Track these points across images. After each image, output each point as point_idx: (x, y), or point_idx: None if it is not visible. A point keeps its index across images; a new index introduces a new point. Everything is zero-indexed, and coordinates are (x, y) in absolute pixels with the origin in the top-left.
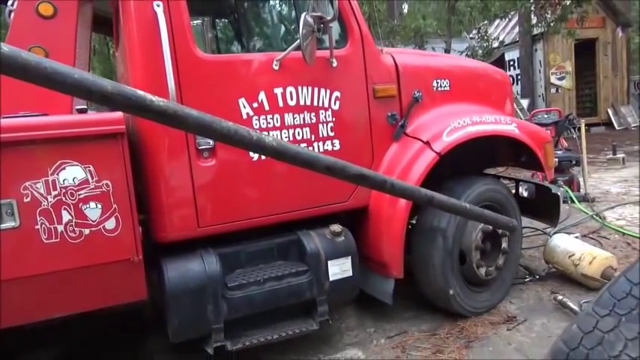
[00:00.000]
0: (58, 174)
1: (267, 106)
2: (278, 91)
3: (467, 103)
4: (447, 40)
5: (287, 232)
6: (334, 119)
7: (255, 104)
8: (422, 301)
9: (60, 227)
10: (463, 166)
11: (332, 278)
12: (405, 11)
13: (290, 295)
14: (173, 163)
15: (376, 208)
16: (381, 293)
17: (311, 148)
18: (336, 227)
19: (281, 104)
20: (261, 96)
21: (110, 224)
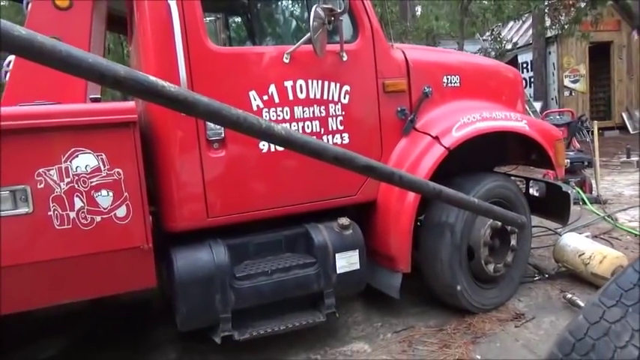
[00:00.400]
0: (71, 161)
1: (277, 99)
2: (288, 84)
3: (477, 100)
4: (460, 41)
5: (295, 224)
6: (344, 113)
7: (265, 97)
8: (429, 296)
9: (72, 214)
10: (473, 164)
11: (339, 271)
12: (418, 13)
13: (297, 286)
14: (183, 153)
15: (384, 202)
16: (388, 287)
17: None
18: (344, 220)
19: (291, 97)
20: (272, 89)
21: (121, 212)
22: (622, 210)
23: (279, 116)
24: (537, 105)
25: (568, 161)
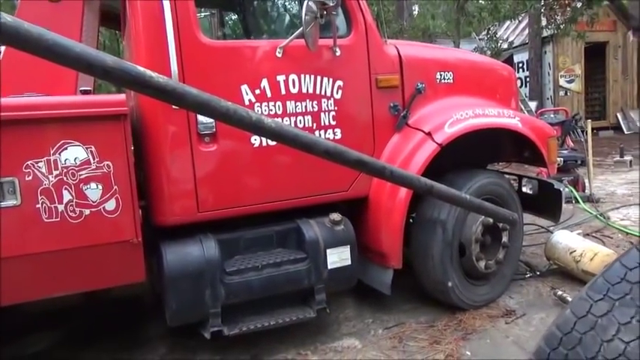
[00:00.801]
0: (60, 154)
1: (269, 93)
2: (280, 78)
3: (471, 97)
4: (456, 40)
5: (287, 219)
6: (336, 108)
7: (257, 91)
8: (421, 293)
9: (60, 207)
10: (466, 161)
11: (330, 267)
12: (415, 12)
13: (288, 282)
14: (174, 147)
15: (376, 198)
16: (379, 284)
17: None
18: (336, 216)
19: (283, 92)
20: (264, 83)
21: (110, 205)
22: (614, 208)
23: (272, 111)
24: (533, 104)
25: (561, 160)
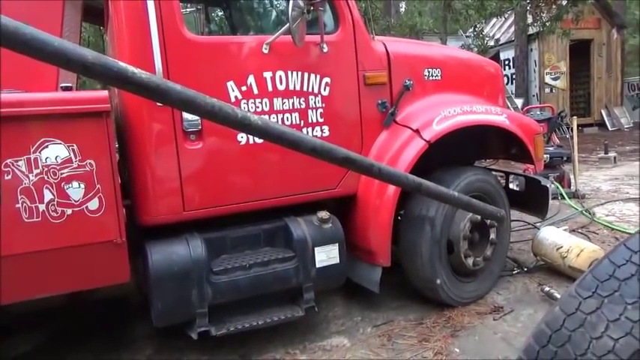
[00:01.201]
0: (40, 152)
1: (255, 90)
2: (267, 75)
3: (458, 94)
4: (443, 37)
5: (274, 218)
6: (324, 105)
7: (243, 88)
8: (409, 290)
9: (41, 206)
10: (453, 158)
11: (319, 265)
12: (402, 9)
13: (276, 281)
14: (159, 145)
15: (364, 196)
16: (368, 282)
17: None
18: (324, 214)
19: (270, 88)
20: (250, 79)
21: (93, 205)
22: (599, 204)
23: (258, 108)
24: (519, 102)
25: (547, 156)
